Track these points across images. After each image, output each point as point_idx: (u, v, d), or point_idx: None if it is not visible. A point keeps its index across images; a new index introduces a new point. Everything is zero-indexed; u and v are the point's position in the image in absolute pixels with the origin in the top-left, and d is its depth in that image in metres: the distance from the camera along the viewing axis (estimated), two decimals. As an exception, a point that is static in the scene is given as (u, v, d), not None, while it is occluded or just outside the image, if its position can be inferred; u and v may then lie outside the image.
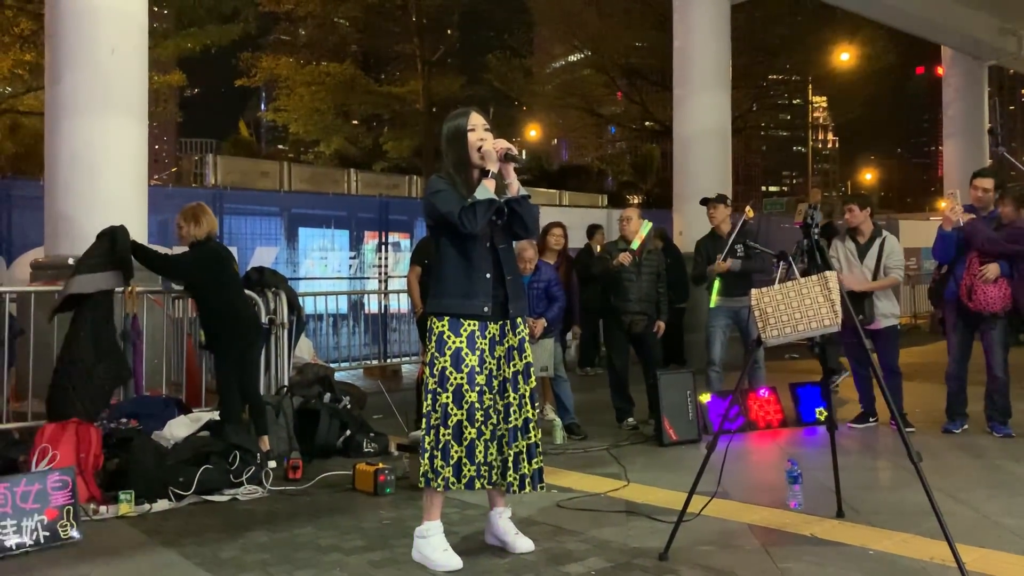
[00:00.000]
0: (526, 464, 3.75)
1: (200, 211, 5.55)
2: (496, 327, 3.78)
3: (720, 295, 6.85)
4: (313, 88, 27.15)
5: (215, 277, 5.51)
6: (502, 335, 3.79)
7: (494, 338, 3.77)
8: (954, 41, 16.20)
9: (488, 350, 3.74)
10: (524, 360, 3.81)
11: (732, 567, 3.57)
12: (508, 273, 3.81)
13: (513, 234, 3.90)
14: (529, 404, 3.80)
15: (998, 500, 4.56)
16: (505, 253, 3.84)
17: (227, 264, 5.66)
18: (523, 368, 3.80)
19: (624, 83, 27.29)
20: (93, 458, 4.77)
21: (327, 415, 5.96)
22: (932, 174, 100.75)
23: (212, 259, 5.52)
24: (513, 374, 3.78)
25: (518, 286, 3.86)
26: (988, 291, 5.95)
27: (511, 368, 3.78)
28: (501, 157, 3.74)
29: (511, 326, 3.80)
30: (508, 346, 3.79)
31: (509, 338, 3.80)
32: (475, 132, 3.80)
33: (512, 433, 3.74)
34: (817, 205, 4.12)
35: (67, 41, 6.49)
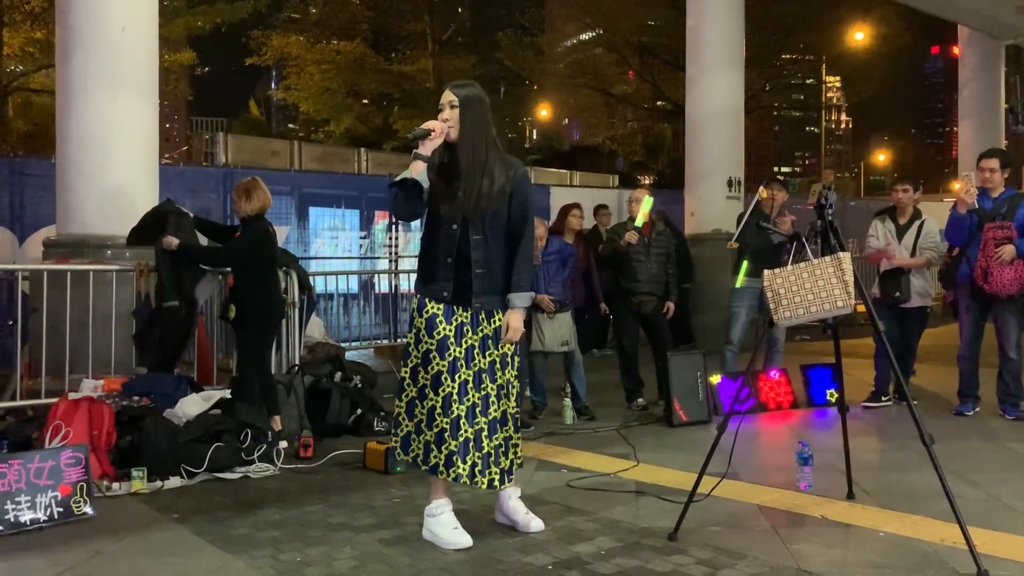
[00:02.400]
0: (504, 458, 3.70)
1: (253, 186, 5.59)
2: (466, 315, 3.66)
3: (748, 275, 6.80)
4: (323, 67, 27.08)
5: (260, 258, 5.57)
6: (475, 323, 3.68)
7: (463, 325, 3.65)
8: (970, 20, 16.01)
9: (454, 337, 3.63)
10: (501, 350, 3.71)
11: (742, 548, 3.57)
12: (477, 266, 3.64)
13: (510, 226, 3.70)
14: (508, 396, 3.72)
15: (1009, 483, 4.54)
16: (479, 244, 3.64)
17: (273, 245, 5.73)
18: (500, 358, 3.71)
19: (636, 62, 27.09)
20: (106, 435, 4.80)
21: (338, 394, 5.99)
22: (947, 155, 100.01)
23: (261, 240, 5.58)
24: (490, 364, 3.69)
25: (491, 281, 3.66)
26: (1004, 273, 5.90)
27: (487, 358, 3.69)
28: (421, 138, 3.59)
29: (485, 315, 3.69)
30: (483, 335, 3.69)
31: (484, 327, 3.69)
32: (441, 112, 3.66)
33: (491, 426, 3.65)
34: (831, 186, 4.07)
35: (78, 19, 6.48)
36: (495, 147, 3.72)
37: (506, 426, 3.72)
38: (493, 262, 3.68)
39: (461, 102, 3.64)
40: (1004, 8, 15.23)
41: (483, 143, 3.67)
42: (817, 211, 4.00)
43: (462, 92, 3.67)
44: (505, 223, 3.70)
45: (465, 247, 3.65)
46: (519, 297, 3.67)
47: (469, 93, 3.68)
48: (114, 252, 6.41)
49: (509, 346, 3.73)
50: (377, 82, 28.67)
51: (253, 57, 27.91)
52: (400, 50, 32.97)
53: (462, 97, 3.65)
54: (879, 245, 6.74)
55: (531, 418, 6.31)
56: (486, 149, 3.67)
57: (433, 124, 3.63)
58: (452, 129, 3.64)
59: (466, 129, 3.64)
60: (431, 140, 3.60)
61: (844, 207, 16.59)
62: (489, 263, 3.67)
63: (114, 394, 5.36)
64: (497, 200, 3.66)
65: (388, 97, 31.43)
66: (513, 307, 3.67)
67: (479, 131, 3.66)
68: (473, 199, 3.62)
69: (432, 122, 3.65)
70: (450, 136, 3.65)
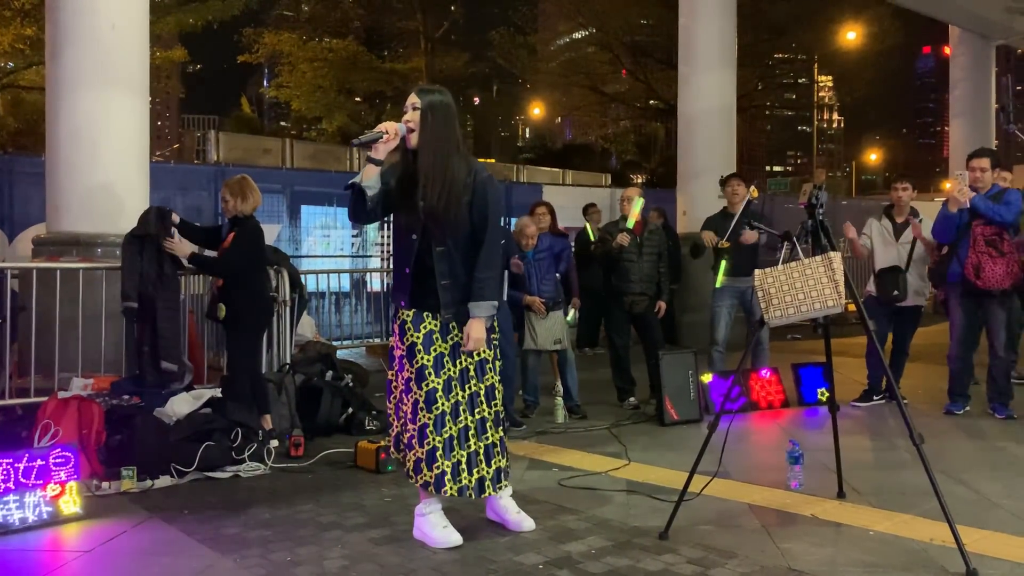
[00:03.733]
0: (484, 465, 3.64)
1: (246, 185, 5.56)
2: (435, 323, 3.61)
3: (726, 275, 6.82)
4: (316, 64, 27.06)
5: (253, 258, 5.56)
6: (444, 331, 3.62)
7: (432, 333, 3.60)
8: (961, 20, 16.06)
9: (422, 344, 3.58)
10: (476, 357, 3.66)
11: (732, 547, 3.57)
12: (442, 277, 3.55)
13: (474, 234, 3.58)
14: (485, 403, 3.66)
15: (999, 482, 4.55)
16: (441, 256, 3.56)
17: (263, 244, 5.71)
18: (476, 365, 3.66)
19: (629, 61, 27.12)
20: (95, 434, 4.78)
21: (329, 393, 5.98)
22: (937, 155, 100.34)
23: (254, 240, 5.55)
24: (460, 372, 3.63)
25: (460, 290, 3.57)
26: (996, 269, 5.90)
27: (458, 366, 3.64)
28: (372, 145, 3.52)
29: (456, 323, 3.62)
30: (453, 343, 3.64)
31: (454, 335, 3.64)
32: (405, 113, 3.60)
33: (462, 433, 3.60)
34: (822, 185, 4.07)
35: (68, 16, 6.43)
36: (457, 154, 3.61)
37: (484, 434, 3.65)
38: (459, 273, 3.58)
39: (424, 107, 3.56)
40: (994, 8, 15.28)
41: (444, 150, 3.56)
42: (808, 210, 4.01)
43: (426, 97, 3.58)
44: (470, 232, 3.60)
45: (428, 258, 3.58)
46: (478, 307, 3.55)
47: (433, 99, 3.59)
48: (104, 250, 6.37)
49: (487, 351, 3.67)
50: (369, 80, 28.67)
51: (245, 54, 27.88)
52: (393, 48, 32.97)
53: (426, 102, 3.56)
54: (867, 244, 6.79)
55: (523, 417, 6.31)
56: (446, 156, 3.56)
57: (386, 126, 3.52)
58: (413, 135, 3.56)
59: (426, 135, 3.55)
60: (384, 143, 3.51)
61: (836, 206, 16.64)
62: (455, 274, 3.58)
63: (104, 393, 5.33)
64: (455, 207, 3.54)
65: (380, 95, 31.43)
66: (473, 316, 3.56)
67: (440, 138, 3.56)
68: (430, 206, 3.52)
69: (386, 123, 3.55)
70: (411, 142, 3.58)
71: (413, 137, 3.57)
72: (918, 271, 6.65)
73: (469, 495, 3.62)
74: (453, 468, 3.57)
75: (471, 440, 3.62)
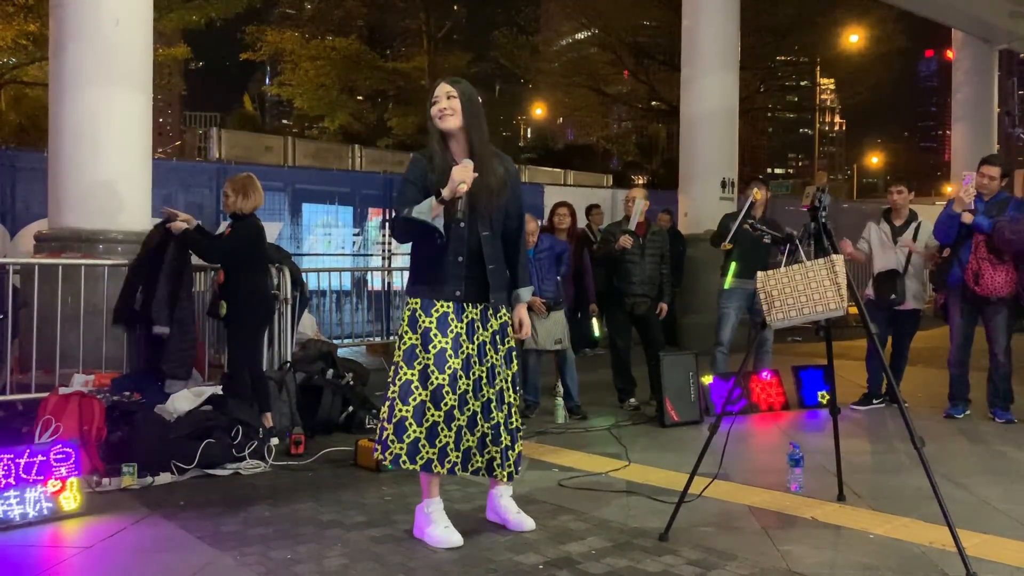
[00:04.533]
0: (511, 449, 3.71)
1: (250, 184, 5.58)
2: (476, 311, 3.67)
3: (736, 277, 6.82)
4: (318, 63, 27.05)
5: (252, 254, 5.56)
6: (484, 319, 3.69)
7: (474, 322, 3.66)
8: (964, 24, 16.06)
9: (466, 334, 3.64)
10: (507, 345, 3.74)
11: (732, 549, 3.57)
12: (489, 261, 3.65)
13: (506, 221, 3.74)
14: (511, 389, 3.74)
15: (999, 486, 4.56)
16: (488, 240, 3.66)
17: (263, 241, 5.72)
18: (506, 353, 3.74)
19: (631, 62, 27.09)
20: (96, 430, 4.78)
21: (330, 391, 5.98)
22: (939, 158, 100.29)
23: (254, 236, 5.56)
24: (503, 358, 3.73)
25: (500, 276, 3.70)
26: (996, 276, 5.93)
27: (499, 353, 3.71)
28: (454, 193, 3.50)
29: (493, 311, 3.70)
30: (492, 330, 3.71)
31: (492, 323, 3.71)
32: (436, 104, 3.63)
33: (508, 417, 3.70)
34: (825, 188, 4.08)
35: (71, 12, 6.44)
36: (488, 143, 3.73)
37: (511, 419, 3.74)
38: (500, 258, 3.72)
39: (460, 92, 3.64)
40: (998, 13, 15.29)
41: (485, 134, 3.67)
42: (811, 213, 4.01)
43: (459, 86, 3.68)
44: (503, 218, 3.73)
45: (476, 243, 3.64)
46: (526, 292, 3.79)
47: (466, 87, 3.69)
48: (106, 247, 6.37)
49: (511, 342, 3.76)
50: (372, 79, 28.67)
51: (248, 52, 27.87)
52: (395, 47, 32.99)
53: (460, 89, 3.65)
54: (865, 248, 6.81)
55: (523, 417, 6.30)
56: (489, 141, 3.69)
57: (464, 176, 3.49)
58: (452, 118, 3.61)
59: (469, 119, 3.63)
60: (460, 191, 3.50)
61: (837, 209, 16.63)
62: (498, 259, 3.70)
63: (105, 389, 5.33)
64: (503, 195, 3.67)
65: (383, 94, 31.44)
66: (520, 302, 3.77)
67: (481, 122, 3.67)
68: (488, 193, 3.60)
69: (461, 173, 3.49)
70: (451, 125, 3.62)
71: (454, 119, 3.62)
72: (917, 275, 6.66)
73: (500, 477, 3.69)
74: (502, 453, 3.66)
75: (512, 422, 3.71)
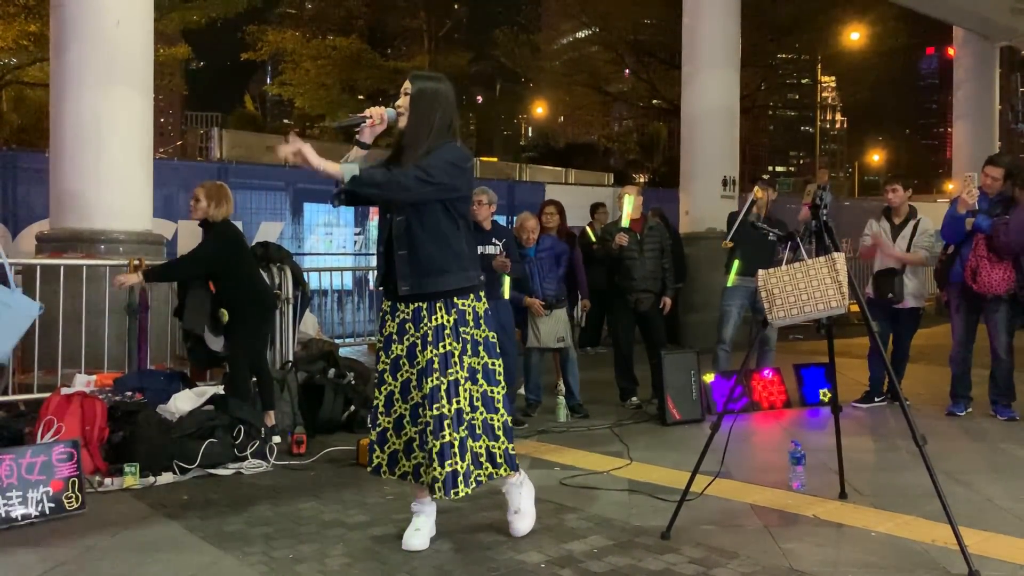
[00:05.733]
0: (437, 466, 3.38)
1: (224, 193, 5.48)
2: (407, 310, 3.49)
3: (738, 274, 6.81)
4: (319, 62, 27.06)
5: (237, 258, 5.49)
6: (416, 319, 3.48)
7: (405, 320, 3.50)
8: (965, 21, 16.04)
9: (396, 333, 3.51)
10: (442, 349, 3.44)
11: (734, 547, 3.57)
12: (399, 247, 3.46)
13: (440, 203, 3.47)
14: (445, 398, 3.41)
15: (1001, 483, 4.56)
16: (400, 224, 3.48)
17: (243, 241, 5.69)
18: (440, 356, 3.43)
19: (632, 60, 27.11)
20: (98, 430, 4.78)
21: (331, 390, 5.98)
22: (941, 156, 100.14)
23: (233, 241, 5.49)
24: (427, 361, 3.43)
25: (413, 264, 3.45)
26: (993, 273, 5.93)
27: (427, 355, 3.44)
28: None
29: (427, 311, 3.45)
30: (424, 331, 3.46)
31: (425, 322, 3.46)
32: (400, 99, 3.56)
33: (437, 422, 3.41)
34: (826, 186, 4.08)
35: (72, 12, 6.45)
36: (442, 136, 3.52)
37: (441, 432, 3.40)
38: (419, 242, 3.47)
39: (414, 92, 3.51)
40: (998, 9, 15.26)
41: (426, 133, 3.49)
42: (812, 211, 4.00)
43: (417, 83, 3.54)
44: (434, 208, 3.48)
45: (388, 230, 3.53)
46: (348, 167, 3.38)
47: (425, 85, 3.55)
48: (107, 247, 6.38)
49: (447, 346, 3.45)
50: (373, 78, 28.65)
51: (248, 52, 27.87)
52: (396, 46, 32.95)
53: (416, 89, 3.52)
54: (869, 244, 6.79)
55: (524, 415, 6.31)
56: (428, 136, 3.49)
57: (372, 111, 3.50)
58: (402, 118, 3.53)
59: (412, 120, 3.51)
60: (369, 127, 3.47)
61: (838, 207, 16.61)
62: (413, 246, 3.47)
63: (107, 389, 5.34)
64: None
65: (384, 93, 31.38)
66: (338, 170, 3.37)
67: (424, 122, 3.50)
68: None
69: (372, 108, 3.54)
70: (401, 124, 3.54)
71: (403, 119, 3.54)
72: (916, 274, 6.64)
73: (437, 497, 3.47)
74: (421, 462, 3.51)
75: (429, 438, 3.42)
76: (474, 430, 3.52)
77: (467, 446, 3.46)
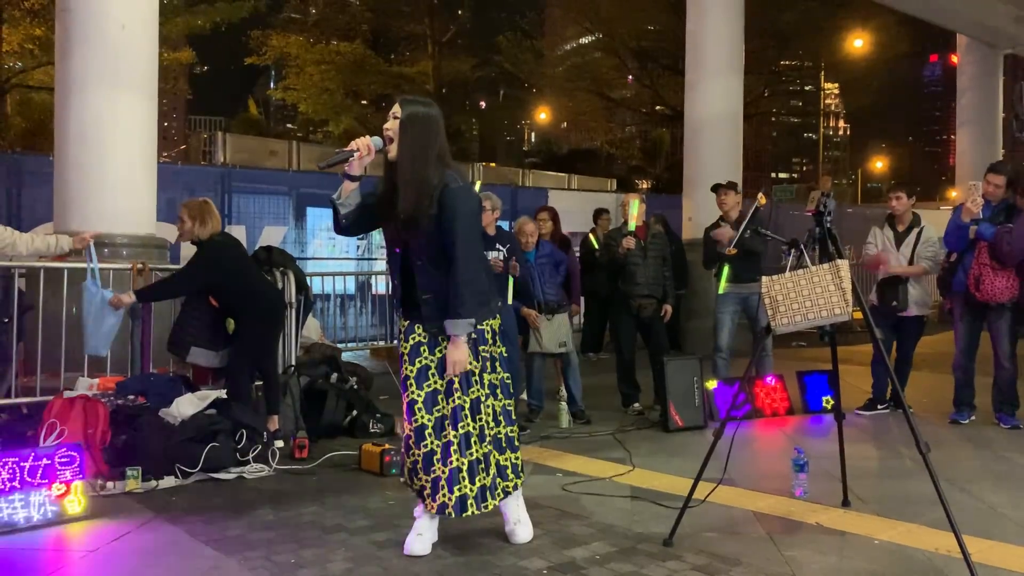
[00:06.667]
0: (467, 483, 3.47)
1: (207, 210, 5.43)
2: (424, 335, 3.55)
3: (729, 281, 6.82)
4: (323, 67, 27.10)
5: (231, 272, 5.46)
6: (432, 343, 3.54)
7: (420, 344, 3.55)
8: (969, 29, 16.06)
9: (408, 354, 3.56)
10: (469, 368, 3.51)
11: (737, 554, 3.57)
12: (424, 291, 3.49)
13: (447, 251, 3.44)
14: (469, 417, 3.52)
15: (1004, 491, 4.54)
16: (421, 270, 3.49)
17: (238, 250, 5.64)
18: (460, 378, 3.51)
19: (635, 66, 27.14)
20: (101, 434, 4.79)
21: (334, 395, 5.98)
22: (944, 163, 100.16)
23: (221, 258, 5.44)
24: (447, 384, 3.52)
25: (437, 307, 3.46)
26: (996, 282, 5.93)
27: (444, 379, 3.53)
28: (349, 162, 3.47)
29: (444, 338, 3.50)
30: (440, 356, 3.52)
31: (442, 347, 3.52)
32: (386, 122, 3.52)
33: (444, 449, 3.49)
34: (830, 193, 4.07)
35: (78, 17, 6.47)
36: (438, 164, 3.49)
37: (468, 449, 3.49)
38: (440, 288, 3.46)
39: (404, 118, 3.46)
40: (1002, 17, 15.28)
41: (421, 160, 3.44)
42: (816, 218, 4.00)
43: (407, 108, 3.48)
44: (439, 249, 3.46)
45: (410, 272, 3.54)
46: (455, 325, 3.40)
47: (415, 110, 3.48)
48: (111, 250, 6.39)
49: (474, 363, 3.52)
50: (376, 83, 28.70)
51: (252, 57, 27.94)
52: (400, 51, 32.98)
53: (406, 114, 3.46)
54: (872, 253, 6.79)
55: (527, 421, 6.31)
56: (423, 166, 3.45)
57: (358, 143, 3.46)
58: (392, 145, 3.48)
59: (405, 147, 3.45)
60: (358, 159, 3.46)
61: (841, 213, 16.60)
62: (435, 289, 3.48)
63: (109, 393, 5.34)
64: (418, 224, 3.44)
65: (387, 98, 31.43)
66: (451, 334, 3.42)
67: (418, 150, 3.45)
68: (403, 215, 3.44)
69: (357, 140, 3.48)
70: (391, 153, 3.48)
71: (393, 148, 3.48)
72: (920, 281, 6.64)
73: (449, 513, 3.48)
74: (433, 483, 3.49)
75: (453, 456, 3.47)
76: (499, 443, 3.61)
77: (491, 460, 3.55)
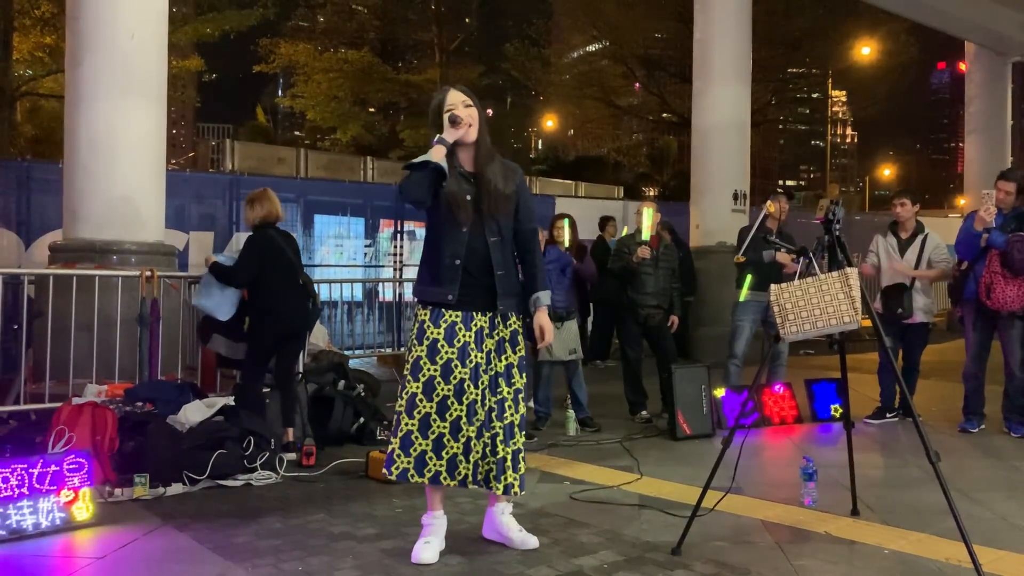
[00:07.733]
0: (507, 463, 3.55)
1: (257, 196, 5.56)
2: (484, 319, 3.62)
3: (751, 289, 6.79)
4: (331, 75, 27.21)
5: (264, 268, 5.44)
6: (492, 327, 3.63)
7: (483, 330, 3.62)
8: (977, 36, 16.04)
9: (475, 342, 3.59)
10: (517, 354, 3.66)
11: (745, 563, 3.55)
12: (498, 268, 3.62)
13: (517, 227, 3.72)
14: (521, 402, 3.64)
15: (1015, 501, 4.52)
16: (496, 246, 3.63)
17: (277, 254, 5.50)
18: (517, 362, 3.65)
19: (642, 74, 27.13)
20: (109, 441, 4.80)
21: (341, 402, 5.98)
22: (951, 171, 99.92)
23: (259, 253, 5.46)
24: (506, 367, 3.62)
25: (509, 282, 3.65)
26: (1007, 290, 5.90)
27: (503, 361, 3.63)
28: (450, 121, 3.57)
29: (501, 319, 3.65)
30: (499, 338, 3.64)
31: (500, 330, 3.64)
32: (452, 111, 3.61)
33: (508, 430, 3.56)
34: (839, 201, 4.07)
35: (88, 25, 6.51)
36: None
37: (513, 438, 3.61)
38: (509, 264, 3.69)
39: (476, 103, 3.67)
40: (1010, 25, 15.27)
41: (490, 144, 3.72)
42: (825, 226, 3.99)
43: (471, 95, 3.70)
44: (512, 225, 3.72)
45: (482, 248, 3.61)
46: (546, 295, 3.72)
47: (474, 97, 3.72)
48: (120, 257, 6.42)
49: (521, 351, 3.68)
50: (384, 91, 28.80)
51: (261, 64, 28.06)
52: (407, 59, 33.12)
53: (475, 99, 3.68)
54: (874, 261, 6.77)
55: (534, 429, 6.30)
56: (493, 150, 3.73)
57: (464, 113, 3.60)
58: (472, 128, 3.62)
59: (483, 132, 3.67)
60: (458, 128, 3.58)
61: (849, 221, 16.58)
62: (507, 265, 3.68)
63: (117, 400, 5.35)
64: (509, 201, 3.68)
65: (395, 106, 31.59)
66: (541, 305, 3.69)
67: (486, 133, 3.71)
68: (492, 197, 3.62)
69: (461, 112, 3.61)
70: (468, 136, 3.62)
71: (473, 131, 3.63)
72: (925, 289, 6.61)
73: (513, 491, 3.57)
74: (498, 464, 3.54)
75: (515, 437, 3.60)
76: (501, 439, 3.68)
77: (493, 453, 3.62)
